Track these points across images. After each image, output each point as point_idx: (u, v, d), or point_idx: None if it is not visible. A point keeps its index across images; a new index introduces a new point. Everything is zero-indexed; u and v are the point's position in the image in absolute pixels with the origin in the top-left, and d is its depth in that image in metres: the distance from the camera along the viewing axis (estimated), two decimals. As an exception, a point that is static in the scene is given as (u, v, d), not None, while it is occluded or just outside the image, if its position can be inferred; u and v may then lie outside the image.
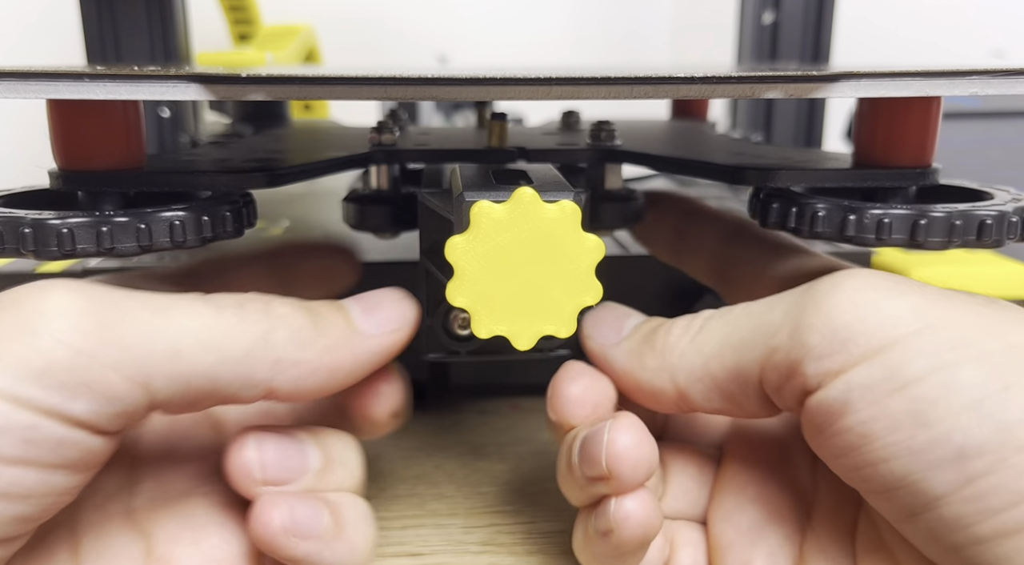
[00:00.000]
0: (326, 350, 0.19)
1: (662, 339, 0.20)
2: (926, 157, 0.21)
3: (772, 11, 0.46)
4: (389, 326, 0.20)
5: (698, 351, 0.19)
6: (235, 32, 0.54)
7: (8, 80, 0.17)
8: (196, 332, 0.17)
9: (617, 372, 0.21)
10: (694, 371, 0.19)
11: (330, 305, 0.20)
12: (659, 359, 0.20)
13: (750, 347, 0.18)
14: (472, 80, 0.17)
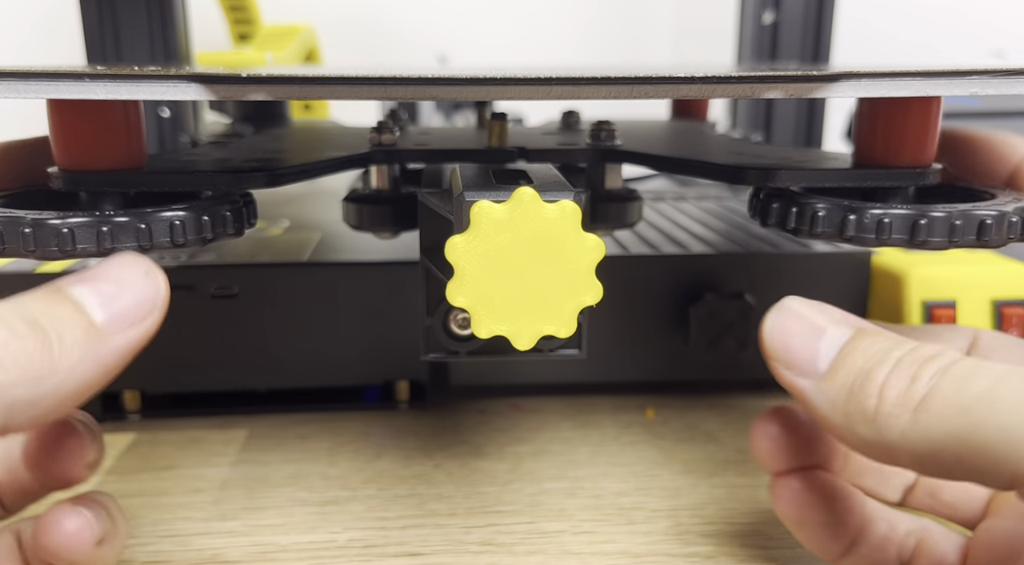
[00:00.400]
0: (70, 373, 0.15)
1: (874, 401, 0.16)
2: (926, 157, 0.21)
3: (772, 11, 0.46)
4: (138, 315, 0.17)
5: (924, 435, 0.15)
6: (235, 32, 0.54)
7: (8, 80, 0.17)
8: None
9: (819, 418, 0.17)
10: (922, 458, 0.16)
11: (57, 304, 0.16)
12: (872, 430, 0.16)
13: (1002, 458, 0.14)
14: (472, 80, 0.17)
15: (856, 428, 0.16)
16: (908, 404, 0.16)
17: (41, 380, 0.15)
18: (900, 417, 0.16)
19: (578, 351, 0.22)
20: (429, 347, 0.22)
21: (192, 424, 0.33)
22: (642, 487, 0.28)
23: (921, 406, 0.15)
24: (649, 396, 0.35)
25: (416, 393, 0.34)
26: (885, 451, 0.16)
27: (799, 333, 0.18)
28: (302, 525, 0.26)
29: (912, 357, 0.16)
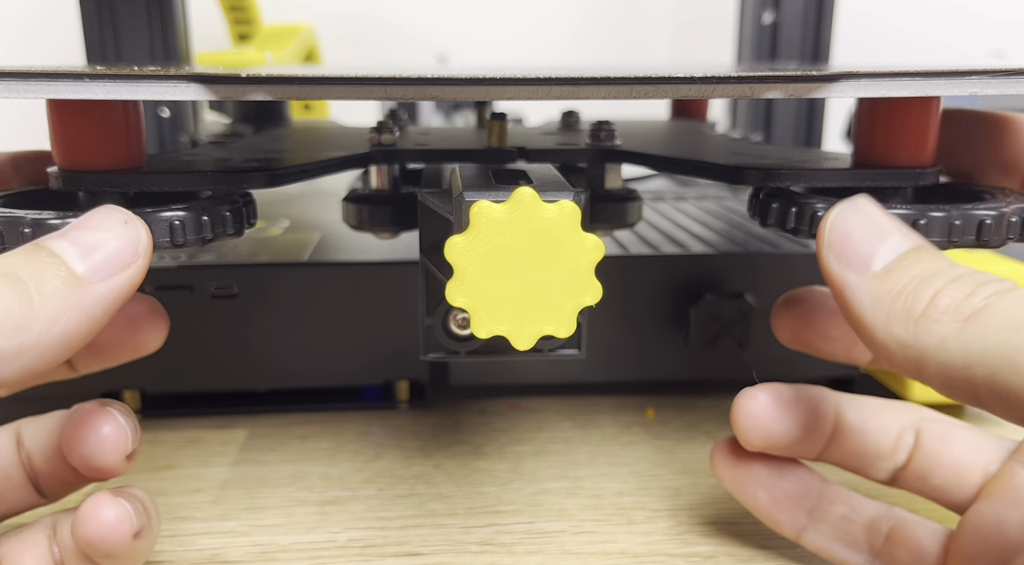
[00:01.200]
0: (52, 323, 0.15)
1: (923, 304, 0.16)
2: (925, 157, 0.21)
3: (772, 11, 0.46)
4: (119, 263, 0.17)
5: (965, 347, 0.15)
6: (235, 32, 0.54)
7: (8, 80, 0.17)
8: None
9: (853, 314, 0.17)
10: (951, 369, 0.15)
11: (35, 257, 0.16)
12: (910, 332, 0.16)
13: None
14: (472, 80, 0.17)
15: (893, 328, 0.16)
16: (959, 313, 0.15)
17: (20, 330, 0.15)
18: (946, 325, 0.15)
19: (578, 351, 0.22)
20: (429, 347, 0.22)
21: (192, 424, 0.33)
22: (642, 487, 0.28)
23: (973, 318, 0.15)
24: (649, 396, 0.35)
25: (416, 393, 0.34)
26: (915, 357, 0.16)
27: (863, 230, 0.18)
28: (302, 525, 0.26)
29: (973, 277, 0.16)
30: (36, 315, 0.15)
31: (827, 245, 0.18)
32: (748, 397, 0.22)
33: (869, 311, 0.17)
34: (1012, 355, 0.14)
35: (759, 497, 0.23)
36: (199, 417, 0.33)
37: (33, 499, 0.21)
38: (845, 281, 0.17)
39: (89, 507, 0.19)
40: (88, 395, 0.22)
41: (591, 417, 0.34)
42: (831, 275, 0.18)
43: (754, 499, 0.23)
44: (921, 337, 0.16)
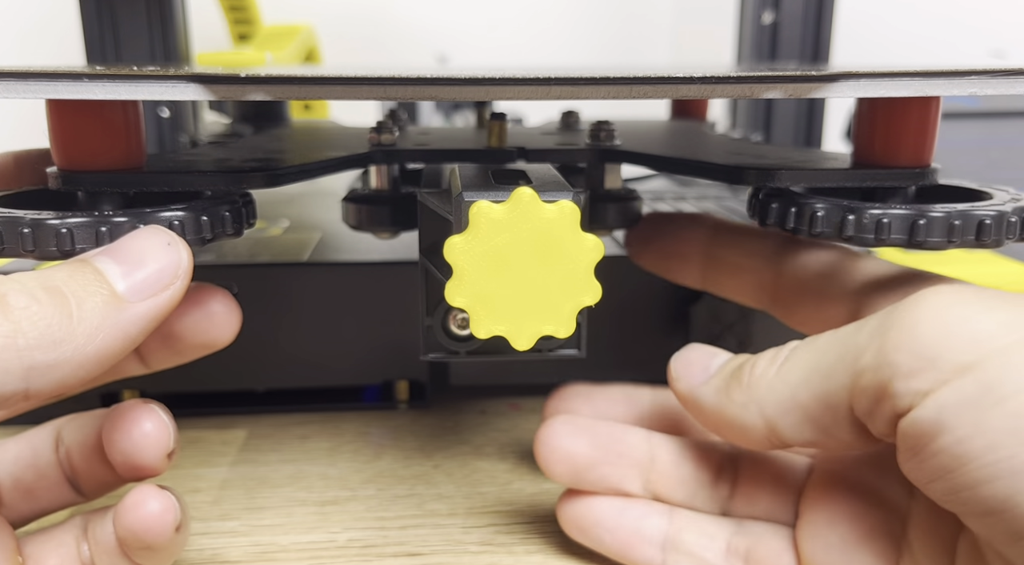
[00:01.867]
0: (88, 339, 0.16)
1: (748, 373, 0.20)
2: (925, 157, 0.21)
3: (772, 11, 0.46)
4: (160, 283, 0.17)
5: (785, 381, 0.19)
6: (235, 32, 0.54)
7: (8, 80, 0.17)
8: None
9: (706, 411, 0.21)
10: (782, 402, 0.19)
11: (80, 273, 0.17)
12: (746, 393, 0.19)
13: (838, 372, 0.18)
14: (472, 80, 0.17)
15: (734, 396, 0.20)
16: (773, 365, 0.19)
17: (59, 344, 0.15)
18: (765, 376, 0.19)
19: (577, 351, 0.22)
20: (428, 347, 0.22)
21: (191, 424, 0.33)
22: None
23: (783, 366, 0.19)
24: (649, 396, 0.35)
25: (416, 393, 0.34)
26: (757, 409, 0.19)
27: (698, 355, 0.22)
28: (302, 525, 0.26)
29: (774, 350, 0.20)
30: (74, 331, 0.16)
31: (676, 379, 0.22)
32: (546, 427, 0.23)
33: (712, 399, 0.20)
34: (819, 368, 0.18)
35: (605, 539, 0.23)
36: (199, 417, 0.33)
37: (69, 497, 0.21)
38: (691, 389, 0.21)
39: (134, 498, 0.19)
40: (86, 395, 0.22)
41: (591, 417, 0.34)
42: (683, 397, 0.21)
43: (600, 542, 0.23)
44: (754, 390, 0.19)
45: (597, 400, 0.26)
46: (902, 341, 0.16)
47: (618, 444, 0.23)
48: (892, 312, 0.17)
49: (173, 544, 0.19)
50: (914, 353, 0.16)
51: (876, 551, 0.20)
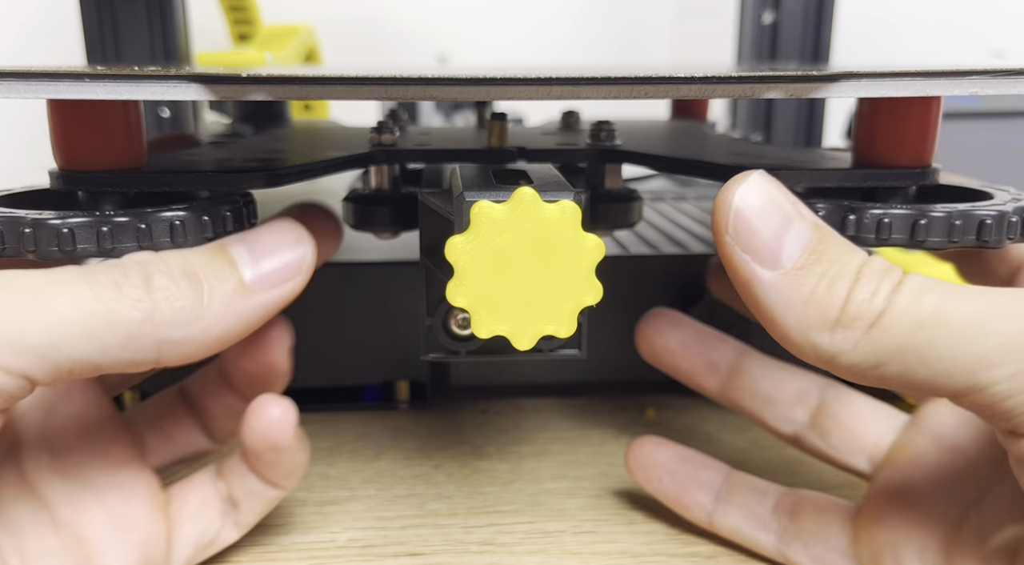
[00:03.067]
0: (213, 323, 0.18)
1: (836, 312, 0.16)
2: (926, 157, 0.21)
3: (772, 11, 0.46)
4: (283, 276, 0.19)
5: (875, 351, 0.16)
6: (235, 32, 0.54)
7: (9, 80, 0.17)
8: (75, 323, 0.16)
9: (763, 312, 0.17)
10: (863, 368, 0.17)
11: (217, 259, 0.18)
12: (825, 339, 0.17)
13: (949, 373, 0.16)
14: (473, 80, 0.17)
15: (809, 334, 0.17)
16: (867, 319, 0.16)
17: (189, 324, 0.17)
18: (858, 331, 0.16)
19: (578, 351, 0.22)
20: (429, 347, 0.22)
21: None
22: (642, 487, 0.28)
23: (879, 321, 0.16)
24: (649, 396, 0.35)
25: (416, 393, 0.34)
26: (827, 359, 0.17)
27: (768, 219, 0.17)
28: (302, 525, 0.26)
29: (870, 269, 0.17)
30: (204, 314, 0.18)
31: (732, 233, 0.17)
32: (652, 315, 0.26)
33: (782, 313, 0.17)
34: (920, 353, 0.16)
35: (664, 482, 0.25)
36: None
37: (203, 443, 0.24)
38: (754, 277, 0.17)
39: (257, 405, 0.21)
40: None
41: (591, 417, 0.34)
42: (736, 266, 0.17)
43: (660, 484, 0.25)
44: (837, 344, 0.17)
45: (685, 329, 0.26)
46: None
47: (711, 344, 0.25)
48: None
49: (294, 450, 0.22)
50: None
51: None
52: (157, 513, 0.22)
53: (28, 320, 0.16)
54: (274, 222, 0.20)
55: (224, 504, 0.23)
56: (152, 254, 0.18)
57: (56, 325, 0.16)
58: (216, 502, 0.23)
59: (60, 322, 0.16)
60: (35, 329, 0.16)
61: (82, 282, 0.17)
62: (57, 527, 0.20)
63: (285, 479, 0.23)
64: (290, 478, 0.23)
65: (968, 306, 0.16)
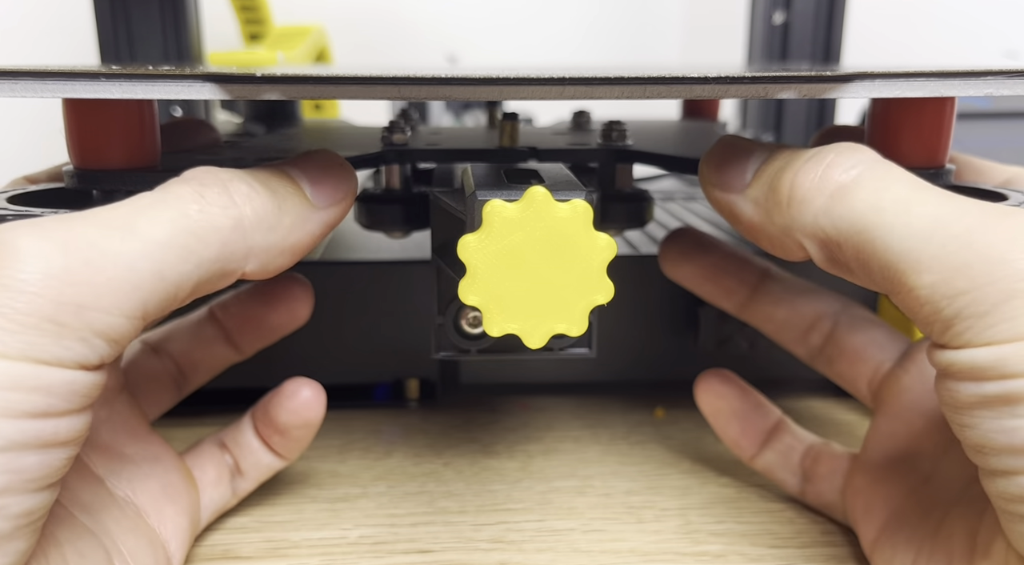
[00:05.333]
0: (290, 231, 0.18)
1: (787, 188, 0.18)
2: (940, 158, 0.21)
3: (783, 11, 0.46)
4: (337, 196, 0.20)
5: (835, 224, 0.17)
6: (246, 32, 0.54)
7: (26, 79, 0.17)
8: (173, 245, 0.16)
9: (743, 224, 0.20)
10: (829, 244, 0.17)
11: (283, 180, 0.19)
12: (788, 216, 0.18)
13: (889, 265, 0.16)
14: (485, 80, 0.17)
15: (774, 218, 0.18)
16: (824, 189, 0.17)
17: (271, 230, 0.18)
18: (815, 201, 0.17)
19: (588, 350, 0.22)
20: (440, 345, 0.22)
21: (202, 422, 0.33)
22: (652, 486, 0.28)
23: (839, 193, 0.17)
24: (659, 395, 0.35)
25: (426, 391, 0.34)
26: (798, 240, 0.18)
27: (731, 156, 0.20)
28: (313, 522, 0.26)
29: (827, 149, 0.18)
30: (281, 222, 0.18)
31: (708, 181, 0.20)
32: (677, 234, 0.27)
33: (753, 214, 0.19)
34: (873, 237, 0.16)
35: (732, 426, 0.27)
36: (211, 415, 0.33)
37: (231, 354, 0.26)
38: (729, 201, 0.20)
39: (288, 386, 0.25)
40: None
41: (601, 416, 0.34)
42: (719, 203, 0.20)
43: (727, 427, 0.27)
44: (797, 218, 0.18)
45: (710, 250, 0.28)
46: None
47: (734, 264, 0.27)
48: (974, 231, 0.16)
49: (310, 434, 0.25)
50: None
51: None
52: (191, 482, 0.24)
53: (131, 254, 0.16)
54: (318, 151, 0.20)
55: (231, 474, 0.25)
56: (217, 168, 0.18)
57: (157, 252, 0.16)
58: (226, 472, 0.25)
59: (159, 247, 0.16)
60: (140, 262, 0.16)
61: (166, 203, 0.17)
62: (121, 506, 0.21)
63: (296, 452, 0.25)
64: (299, 451, 0.25)
65: (929, 206, 0.16)
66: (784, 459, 0.26)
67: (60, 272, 0.15)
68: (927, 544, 0.20)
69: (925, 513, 0.21)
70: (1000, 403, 0.16)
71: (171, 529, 0.22)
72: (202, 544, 0.25)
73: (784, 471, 0.26)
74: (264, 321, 0.26)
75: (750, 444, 0.27)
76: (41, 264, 0.15)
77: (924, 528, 0.21)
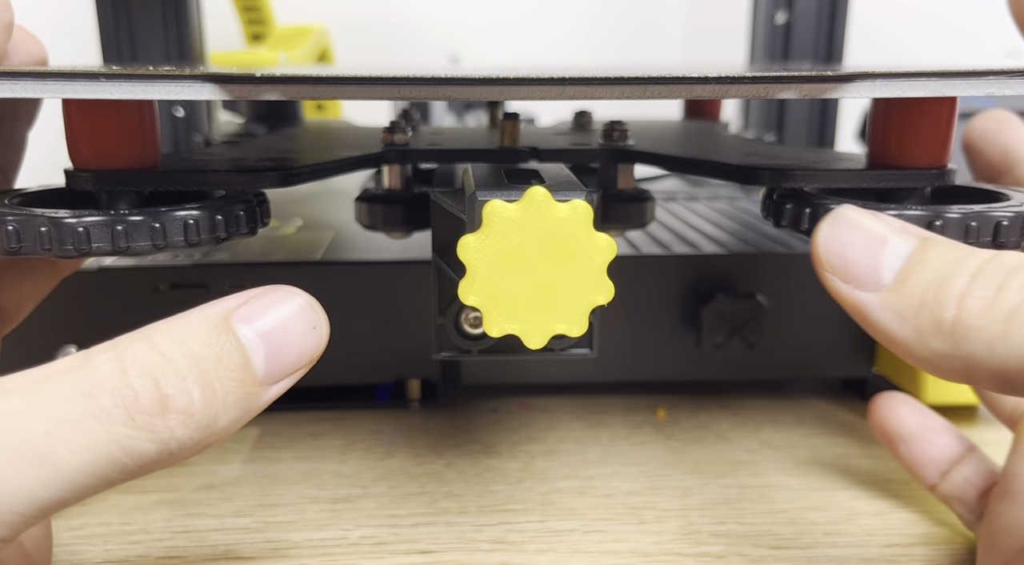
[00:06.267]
0: (224, 432, 0.16)
1: (952, 311, 0.15)
2: (942, 158, 0.21)
3: (785, 11, 0.46)
4: (293, 369, 0.17)
5: (1014, 349, 0.14)
6: (248, 32, 0.54)
7: (26, 79, 0.17)
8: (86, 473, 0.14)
9: (881, 334, 0.16)
10: (1007, 372, 0.14)
11: (230, 358, 0.16)
12: (950, 344, 0.15)
13: None
14: (486, 80, 0.17)
15: (930, 341, 0.15)
16: (996, 315, 0.14)
17: (200, 444, 0.15)
18: (987, 329, 0.14)
19: (589, 350, 0.22)
20: (441, 346, 0.22)
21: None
22: (653, 487, 0.28)
23: (1013, 316, 0.14)
24: (660, 396, 0.35)
25: (428, 392, 0.34)
26: (963, 367, 0.15)
27: (858, 244, 0.16)
28: (314, 522, 0.26)
29: (995, 265, 0.15)
30: (216, 427, 0.15)
31: (828, 269, 0.17)
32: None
33: (897, 329, 0.16)
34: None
35: (900, 450, 0.26)
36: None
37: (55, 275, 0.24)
38: (859, 302, 0.16)
39: None
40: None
41: (602, 417, 0.34)
42: (842, 298, 0.17)
43: (897, 450, 0.26)
44: (964, 346, 0.15)
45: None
46: None
47: None
48: None
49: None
50: None
51: None
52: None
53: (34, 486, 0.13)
54: (291, 301, 0.17)
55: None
56: (157, 353, 0.15)
57: (65, 483, 0.14)
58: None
59: (69, 478, 0.14)
60: (43, 494, 0.14)
61: (91, 418, 0.14)
62: None
63: None
64: None
65: None
66: (962, 495, 0.25)
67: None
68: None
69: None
70: None
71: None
72: (203, 544, 0.25)
73: (960, 506, 0.25)
74: None
75: (925, 476, 0.26)
76: None
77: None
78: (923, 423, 0.26)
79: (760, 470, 0.29)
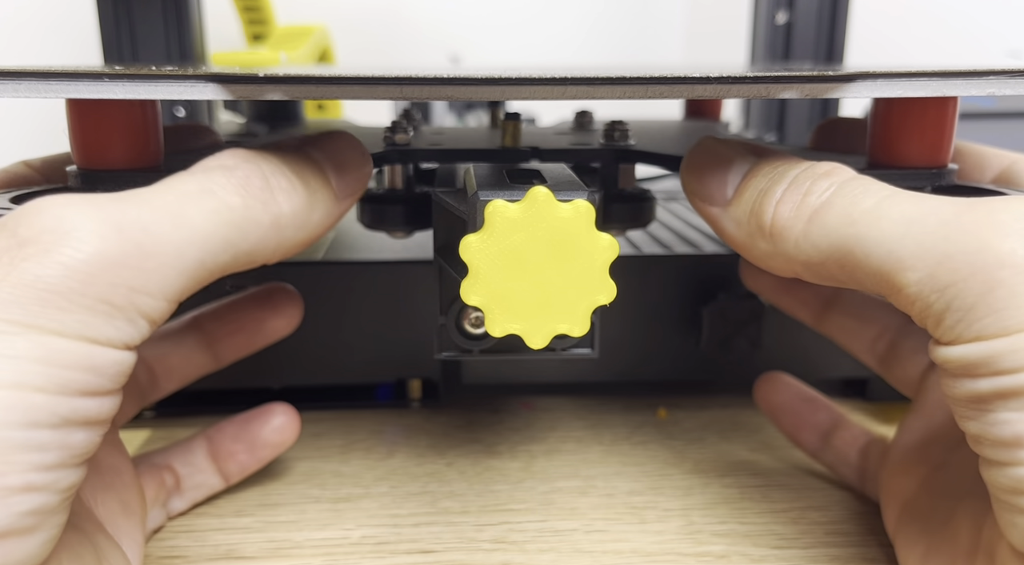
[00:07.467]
0: (317, 225, 0.19)
1: (770, 218, 0.18)
2: (942, 157, 0.21)
3: (786, 11, 0.46)
4: (357, 187, 0.20)
5: (815, 245, 0.17)
6: (249, 32, 0.54)
7: (29, 80, 0.17)
8: (216, 236, 0.16)
9: (727, 239, 0.20)
10: (812, 265, 0.18)
11: (315, 172, 0.19)
12: (770, 243, 0.18)
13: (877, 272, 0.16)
14: (488, 80, 0.17)
15: (758, 243, 0.19)
16: (801, 217, 0.18)
17: (302, 228, 0.18)
18: (793, 229, 0.18)
19: (591, 350, 0.22)
20: (442, 345, 0.22)
21: (206, 422, 0.33)
22: (654, 486, 0.28)
23: (813, 217, 0.17)
24: (661, 396, 0.35)
25: (429, 392, 0.34)
26: (784, 262, 0.18)
27: (711, 167, 0.20)
28: (315, 522, 0.26)
29: (806, 174, 0.18)
30: (311, 219, 0.18)
31: (689, 190, 0.20)
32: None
33: (736, 234, 0.19)
34: (852, 249, 0.17)
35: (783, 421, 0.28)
36: (213, 415, 0.33)
37: (208, 363, 0.27)
38: (712, 215, 0.20)
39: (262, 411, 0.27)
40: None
41: (603, 416, 0.34)
42: (701, 212, 0.20)
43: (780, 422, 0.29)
44: (779, 245, 0.18)
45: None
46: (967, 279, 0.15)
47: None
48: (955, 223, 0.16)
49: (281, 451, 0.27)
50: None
51: None
52: (143, 497, 0.23)
53: (180, 242, 0.16)
54: (344, 139, 0.20)
55: (167, 495, 0.25)
56: (255, 154, 0.18)
57: (202, 241, 0.16)
58: (163, 494, 0.25)
59: (205, 237, 0.16)
60: (188, 250, 0.16)
61: (212, 193, 0.17)
62: (88, 514, 0.20)
63: (241, 476, 0.27)
64: (244, 475, 0.27)
65: (899, 208, 0.16)
66: (843, 455, 0.27)
67: (115, 254, 0.15)
68: (936, 536, 0.20)
69: (935, 504, 0.21)
70: (993, 398, 0.16)
71: (127, 543, 0.21)
72: (204, 544, 0.25)
73: (842, 466, 0.27)
74: (254, 332, 0.26)
75: (807, 442, 0.28)
76: (98, 245, 0.15)
77: (934, 519, 0.21)
78: (802, 396, 0.28)
79: (761, 470, 0.29)
